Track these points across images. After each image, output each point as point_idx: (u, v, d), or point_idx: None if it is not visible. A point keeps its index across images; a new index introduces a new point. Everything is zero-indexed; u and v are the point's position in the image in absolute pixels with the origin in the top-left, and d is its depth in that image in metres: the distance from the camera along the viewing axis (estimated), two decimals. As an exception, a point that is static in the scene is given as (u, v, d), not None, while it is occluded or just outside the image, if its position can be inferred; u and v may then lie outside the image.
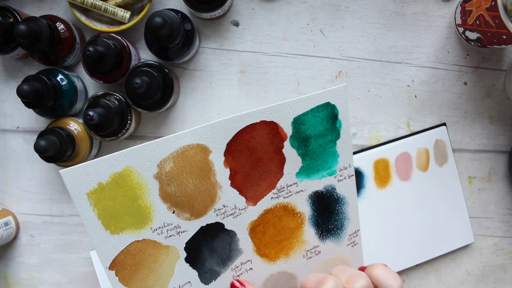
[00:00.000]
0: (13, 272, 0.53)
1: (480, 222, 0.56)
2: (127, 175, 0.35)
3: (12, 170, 0.53)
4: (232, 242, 0.40)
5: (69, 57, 0.49)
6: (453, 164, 0.54)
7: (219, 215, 0.39)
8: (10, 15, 0.47)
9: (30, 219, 0.53)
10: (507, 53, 0.55)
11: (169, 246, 0.37)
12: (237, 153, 0.38)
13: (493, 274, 0.56)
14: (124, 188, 0.35)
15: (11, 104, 0.52)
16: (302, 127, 0.39)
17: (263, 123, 0.38)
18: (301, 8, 0.53)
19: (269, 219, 0.40)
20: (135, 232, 0.36)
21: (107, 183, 0.35)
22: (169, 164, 0.36)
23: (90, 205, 0.34)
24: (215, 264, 0.39)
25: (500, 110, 0.55)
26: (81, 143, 0.48)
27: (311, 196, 0.41)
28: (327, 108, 0.39)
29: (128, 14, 0.49)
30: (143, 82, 0.43)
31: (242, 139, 0.37)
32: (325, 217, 0.42)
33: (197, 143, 0.36)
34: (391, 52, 0.54)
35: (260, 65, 0.53)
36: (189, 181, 0.37)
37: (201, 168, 0.37)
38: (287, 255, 0.41)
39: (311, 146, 0.40)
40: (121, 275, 0.36)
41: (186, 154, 0.36)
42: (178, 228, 0.37)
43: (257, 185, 0.39)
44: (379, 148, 0.53)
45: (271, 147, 0.39)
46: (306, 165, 0.40)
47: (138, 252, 0.36)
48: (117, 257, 0.36)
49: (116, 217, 0.35)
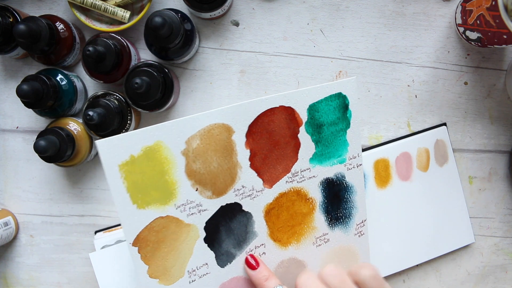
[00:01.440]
0: (13, 272, 0.53)
1: (481, 222, 0.56)
2: (157, 149, 0.36)
3: (12, 170, 0.53)
4: (248, 224, 0.41)
5: (69, 57, 0.48)
6: (453, 164, 0.54)
7: (238, 195, 0.40)
8: (10, 15, 0.47)
9: (30, 219, 0.53)
10: (507, 53, 0.55)
11: (190, 225, 0.38)
12: (257, 135, 0.39)
13: (493, 274, 0.56)
14: (153, 162, 0.36)
15: (10, 104, 0.52)
16: (317, 114, 0.41)
17: (282, 108, 0.40)
18: (301, 8, 0.53)
19: (283, 203, 0.42)
20: (160, 207, 0.37)
21: (138, 156, 0.35)
22: (196, 141, 0.37)
23: (120, 177, 0.35)
24: (231, 246, 0.40)
25: (501, 110, 0.55)
26: (81, 143, 0.48)
27: (322, 182, 0.43)
28: (339, 98, 0.41)
29: (128, 14, 0.49)
30: (143, 82, 0.43)
31: (262, 121, 0.39)
32: (334, 205, 0.44)
33: (222, 122, 0.38)
34: (391, 52, 0.54)
35: (260, 65, 0.53)
36: (213, 159, 0.38)
37: (224, 147, 0.38)
38: (298, 241, 0.43)
39: (324, 133, 0.42)
40: (143, 252, 0.37)
41: (212, 132, 0.38)
42: (200, 207, 0.38)
43: (273, 168, 0.41)
44: (379, 148, 0.53)
45: (288, 131, 0.40)
46: (319, 151, 0.42)
47: (161, 229, 0.37)
48: (141, 232, 0.36)
49: (143, 191, 0.36)
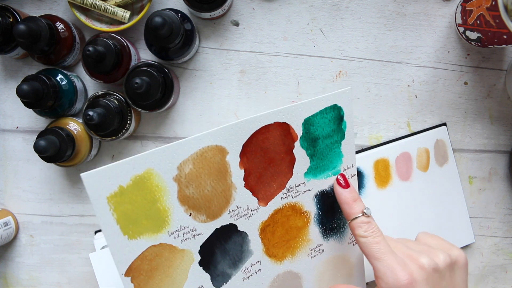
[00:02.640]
0: (13, 272, 0.53)
1: (481, 222, 0.56)
2: (148, 177, 0.35)
3: (12, 170, 0.53)
4: (243, 243, 0.40)
5: (69, 57, 0.48)
6: (453, 164, 0.54)
7: (233, 216, 0.39)
8: (10, 15, 0.46)
9: (30, 219, 0.53)
10: (507, 52, 0.55)
11: (184, 250, 0.37)
12: (252, 154, 0.38)
13: (493, 274, 0.56)
14: (144, 191, 0.35)
15: (10, 104, 0.52)
16: (312, 128, 0.40)
17: (277, 124, 0.39)
18: (301, 8, 0.53)
19: (278, 219, 0.41)
20: (152, 236, 0.36)
21: (127, 186, 0.34)
22: (189, 166, 0.36)
23: (109, 209, 0.34)
24: (227, 266, 0.40)
25: (501, 110, 0.55)
26: (81, 143, 0.48)
27: (317, 195, 0.42)
28: (334, 110, 0.40)
29: (128, 14, 0.49)
30: (143, 82, 0.43)
31: (257, 140, 0.38)
32: (329, 216, 0.43)
33: (216, 144, 0.37)
34: (391, 52, 0.54)
35: (260, 65, 0.53)
36: (207, 183, 0.37)
37: (218, 169, 0.37)
38: (293, 254, 0.42)
39: (318, 147, 0.41)
40: (136, 282, 0.35)
41: (205, 155, 0.36)
42: (194, 231, 0.37)
43: (268, 185, 0.40)
44: (379, 148, 0.53)
45: (283, 147, 0.39)
46: (314, 165, 0.41)
47: (154, 257, 0.36)
48: (134, 262, 0.35)
49: (134, 221, 0.35)
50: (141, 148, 0.53)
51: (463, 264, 0.39)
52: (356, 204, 0.39)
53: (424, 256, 0.37)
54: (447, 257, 0.38)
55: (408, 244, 0.40)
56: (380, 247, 0.37)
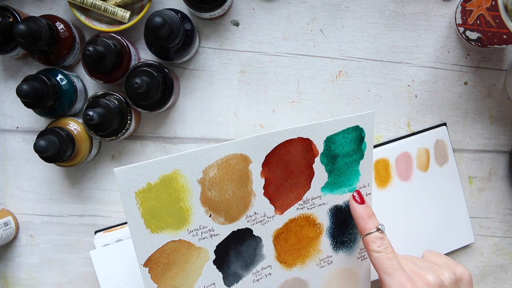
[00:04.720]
0: (13, 272, 0.53)
1: (481, 222, 0.56)
2: (174, 177, 0.37)
3: (12, 170, 0.53)
4: (257, 248, 0.42)
5: (69, 57, 0.48)
6: (453, 164, 0.54)
7: (249, 221, 0.41)
8: (10, 15, 0.46)
9: (30, 219, 0.53)
10: (507, 52, 0.55)
11: (201, 248, 0.39)
12: (274, 165, 0.40)
13: (493, 274, 0.56)
14: (170, 190, 0.37)
15: (10, 104, 0.52)
16: (333, 146, 0.42)
17: (300, 139, 0.41)
18: (301, 8, 0.53)
19: (292, 228, 0.43)
20: (173, 232, 0.38)
21: (155, 184, 0.37)
22: (213, 171, 0.38)
23: (136, 204, 0.36)
24: (239, 267, 0.41)
25: (501, 110, 0.55)
26: (81, 143, 0.48)
27: (331, 209, 0.44)
28: (356, 131, 0.42)
29: (128, 14, 0.49)
30: (143, 82, 0.43)
31: (279, 152, 0.40)
32: (341, 230, 0.45)
33: (241, 153, 0.39)
34: (391, 52, 0.54)
35: (260, 65, 0.53)
36: (229, 188, 0.39)
37: (240, 176, 0.39)
38: (303, 262, 0.44)
39: (337, 164, 0.43)
40: (153, 273, 0.38)
41: (229, 162, 0.39)
42: (212, 232, 0.40)
43: (286, 195, 0.42)
44: (379, 148, 0.53)
45: (303, 161, 0.41)
46: (331, 181, 0.43)
47: (172, 252, 0.38)
48: (153, 255, 0.38)
49: (158, 217, 0.37)
50: (141, 148, 0.53)
51: (467, 281, 0.41)
52: (370, 220, 0.41)
53: (430, 273, 0.39)
54: (452, 274, 0.39)
55: (415, 261, 0.42)
56: (392, 263, 0.38)
